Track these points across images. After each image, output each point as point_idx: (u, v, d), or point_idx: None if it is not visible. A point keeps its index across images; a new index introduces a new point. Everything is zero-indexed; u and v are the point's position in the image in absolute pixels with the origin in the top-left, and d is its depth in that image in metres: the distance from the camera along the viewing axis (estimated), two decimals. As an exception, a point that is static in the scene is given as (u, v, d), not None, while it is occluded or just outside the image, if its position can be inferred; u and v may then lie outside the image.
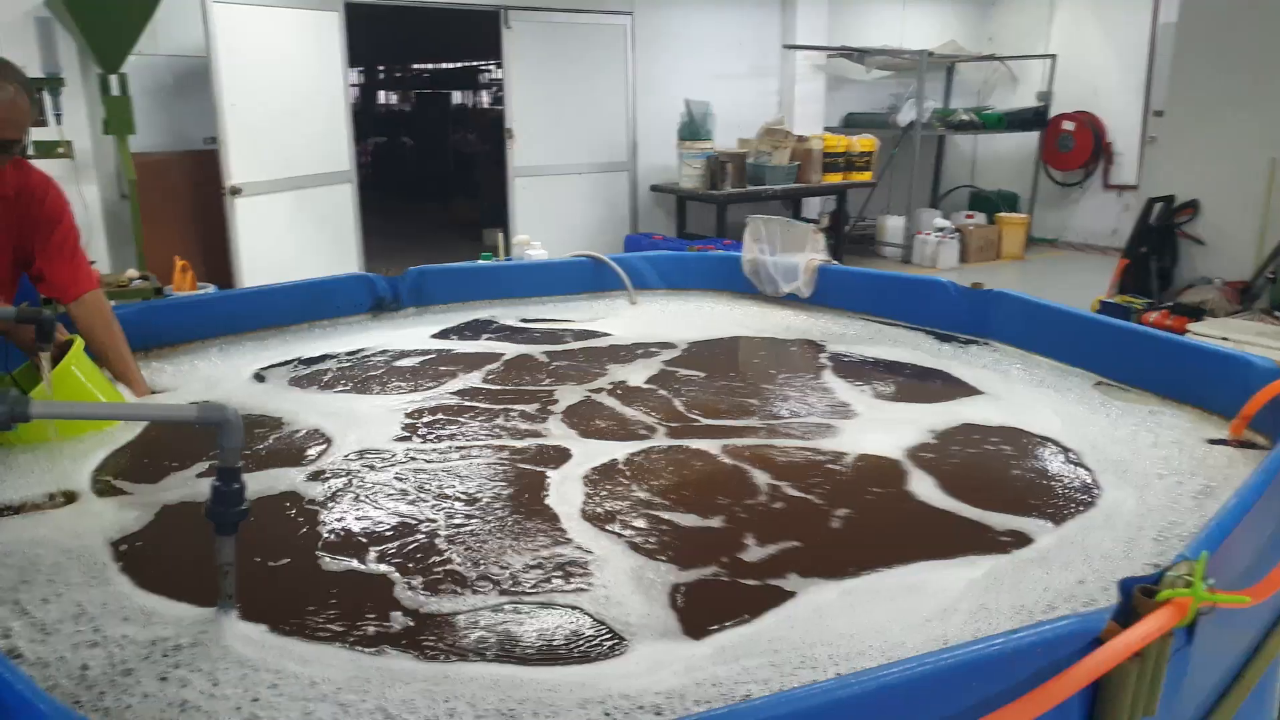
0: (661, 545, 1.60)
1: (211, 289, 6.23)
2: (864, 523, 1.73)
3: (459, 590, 1.44)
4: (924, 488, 1.86)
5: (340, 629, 1.33)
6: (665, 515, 1.70)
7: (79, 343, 2.11)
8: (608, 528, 1.65)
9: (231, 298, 3.25)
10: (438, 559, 1.54)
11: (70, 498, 1.74)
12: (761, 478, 1.88)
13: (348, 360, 2.69)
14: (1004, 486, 1.87)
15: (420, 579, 1.47)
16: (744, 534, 1.64)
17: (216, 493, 1.31)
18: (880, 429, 2.15)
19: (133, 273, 5.91)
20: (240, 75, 5.96)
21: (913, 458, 2.00)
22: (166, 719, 1.11)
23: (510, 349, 2.82)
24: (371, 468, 1.91)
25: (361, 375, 2.55)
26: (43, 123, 5.65)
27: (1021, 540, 1.63)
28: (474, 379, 2.52)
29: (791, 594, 1.44)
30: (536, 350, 2.80)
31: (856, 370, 2.63)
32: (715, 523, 1.69)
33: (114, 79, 5.76)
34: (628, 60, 7.98)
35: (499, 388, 2.45)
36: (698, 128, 7.71)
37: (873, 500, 1.82)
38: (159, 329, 2.69)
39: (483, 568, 1.51)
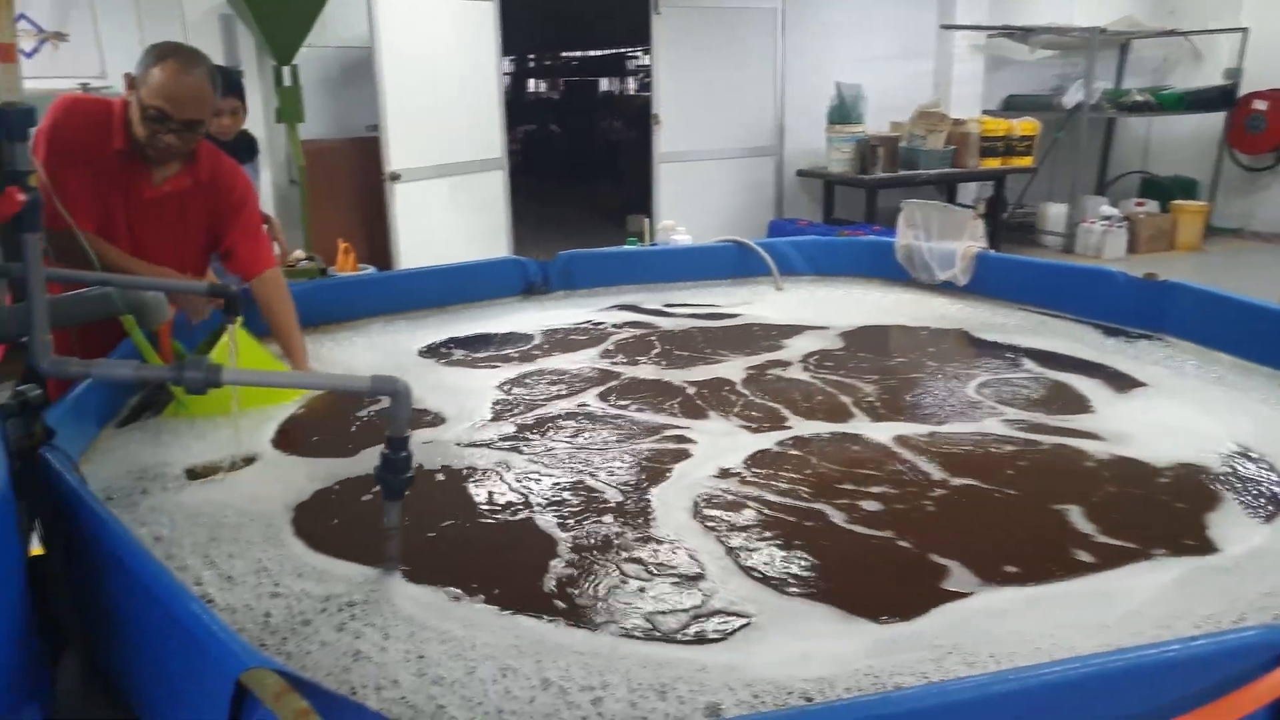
0: (811, 535, 1.58)
1: (371, 270, 6.55)
2: (1035, 521, 1.65)
3: (609, 568, 1.47)
4: (1098, 487, 1.76)
5: (497, 597, 1.38)
6: (815, 505, 1.68)
7: (239, 321, 2.25)
8: (758, 514, 1.65)
9: (393, 278, 3.42)
10: (586, 536, 1.57)
11: (249, 462, 1.87)
12: (918, 470, 1.83)
13: (501, 340, 2.78)
14: (1186, 490, 1.76)
15: (570, 554, 1.51)
16: (900, 528, 1.60)
17: (385, 460, 1.38)
18: (1044, 424, 2.06)
19: (300, 254, 6.27)
20: (401, 65, 6.23)
21: (1085, 454, 1.90)
22: (342, 666, 1.18)
23: (656, 333, 2.84)
24: (524, 444, 1.97)
25: (513, 354, 2.64)
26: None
27: (1208, 547, 1.52)
28: (620, 362, 2.56)
29: (956, 593, 1.40)
30: (682, 335, 2.82)
31: (1017, 363, 2.52)
32: (869, 515, 1.65)
33: (286, 70, 6.11)
34: (777, 43, 7.87)
35: (644, 371, 2.48)
36: (848, 111, 7.53)
37: (1043, 497, 1.73)
38: (327, 306, 2.85)
39: (632, 548, 1.54)
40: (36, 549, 1.42)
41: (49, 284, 1.57)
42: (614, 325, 2.94)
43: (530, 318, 3.01)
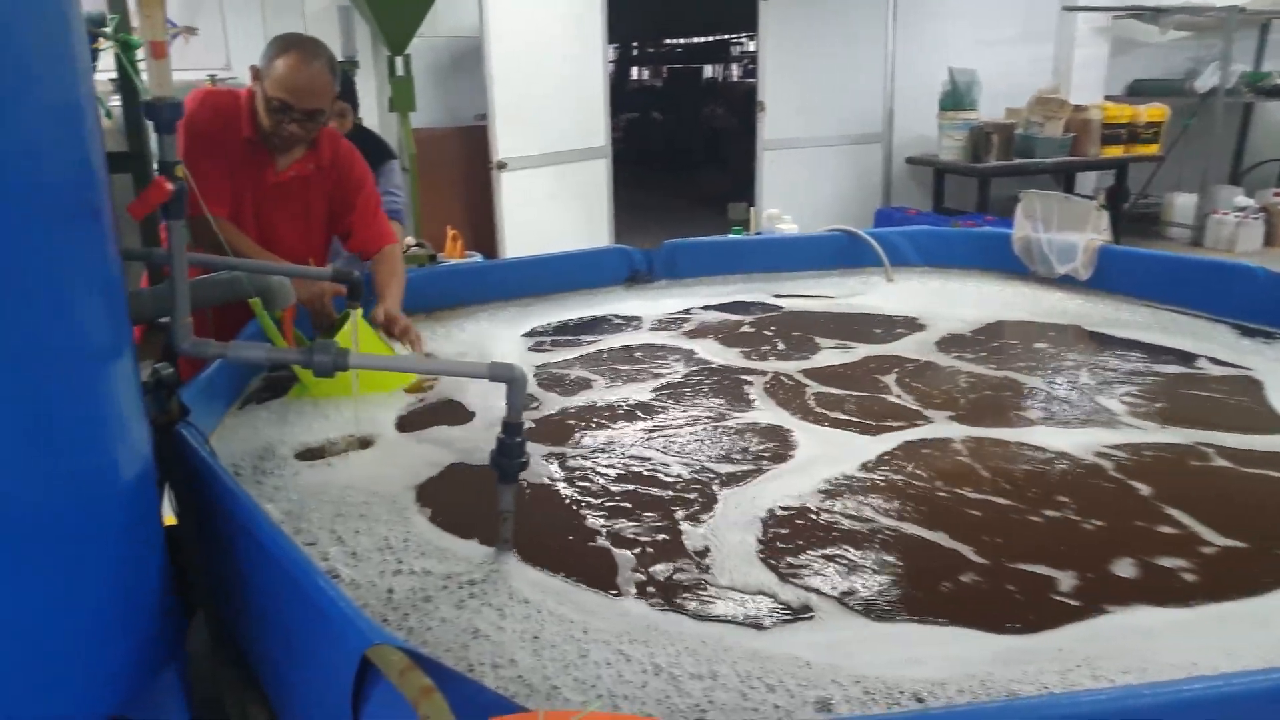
0: (926, 540, 1.53)
1: (477, 257, 6.70)
2: (1179, 536, 1.54)
3: (714, 560, 1.47)
4: (1244, 502, 1.66)
5: (607, 582, 1.39)
6: (930, 508, 1.63)
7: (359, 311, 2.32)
8: (869, 514, 1.61)
9: (501, 266, 3.48)
10: (691, 527, 1.57)
11: (367, 445, 1.93)
12: (1045, 476, 1.75)
13: (605, 327, 2.80)
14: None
15: (675, 544, 1.51)
16: (1025, 537, 1.54)
17: (500, 444, 1.41)
18: (1182, 431, 1.95)
19: (410, 240, 6.44)
20: (509, 54, 6.32)
21: (1231, 467, 1.78)
22: (461, 643, 1.21)
23: (762, 323, 2.82)
24: (630, 432, 1.98)
25: (616, 342, 2.65)
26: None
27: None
28: (724, 352, 2.54)
29: (1089, 609, 1.32)
30: (789, 326, 2.79)
31: (1145, 362, 2.41)
32: (989, 521, 1.59)
33: (399, 60, 6.28)
34: (887, 28, 7.69)
35: (750, 363, 2.46)
36: (961, 97, 7.31)
37: (1185, 510, 1.62)
38: (439, 293, 2.92)
39: (736, 542, 1.53)
40: (169, 518, 1.50)
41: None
42: (718, 315, 2.92)
43: (634, 306, 3.02)
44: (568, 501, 1.67)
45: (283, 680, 1.24)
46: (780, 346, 2.58)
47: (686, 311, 2.96)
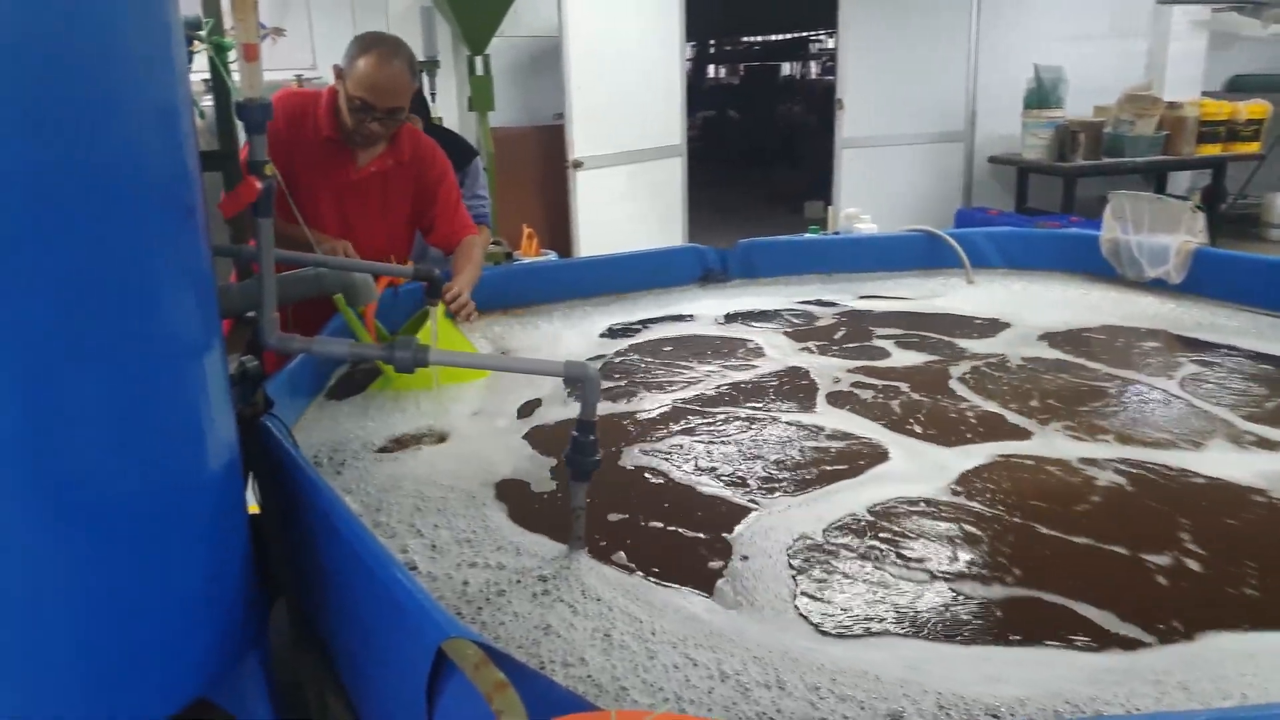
0: (1013, 555, 1.48)
1: (552, 255, 6.76)
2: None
3: (784, 567, 1.45)
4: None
5: (676, 584, 1.39)
6: (1018, 523, 1.57)
7: (441, 307, 2.36)
8: (951, 528, 1.57)
9: (577, 265, 3.50)
10: (763, 534, 1.56)
11: (443, 438, 1.96)
12: (1142, 495, 1.68)
13: (679, 326, 2.80)
14: None
15: (745, 550, 1.50)
16: (1118, 557, 1.47)
17: (574, 442, 1.41)
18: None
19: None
20: (587, 53, 6.35)
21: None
22: (533, 640, 1.22)
23: (840, 324, 2.78)
24: (705, 434, 1.97)
25: (691, 341, 2.64)
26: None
27: None
28: (799, 352, 2.51)
29: (1191, 632, 1.27)
30: (868, 327, 2.74)
31: (1244, 371, 2.31)
32: (1081, 541, 1.52)
33: (479, 60, 6.37)
34: (971, 25, 7.52)
35: (829, 364, 2.42)
36: (1047, 95, 7.10)
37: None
38: (517, 290, 2.95)
39: (809, 549, 1.51)
40: (252, 507, 1.54)
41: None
42: (795, 315, 2.89)
43: (708, 305, 3.01)
44: (639, 500, 1.67)
45: (360, 670, 1.27)
46: (857, 348, 2.54)
47: (761, 311, 2.94)
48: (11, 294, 0.93)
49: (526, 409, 2.14)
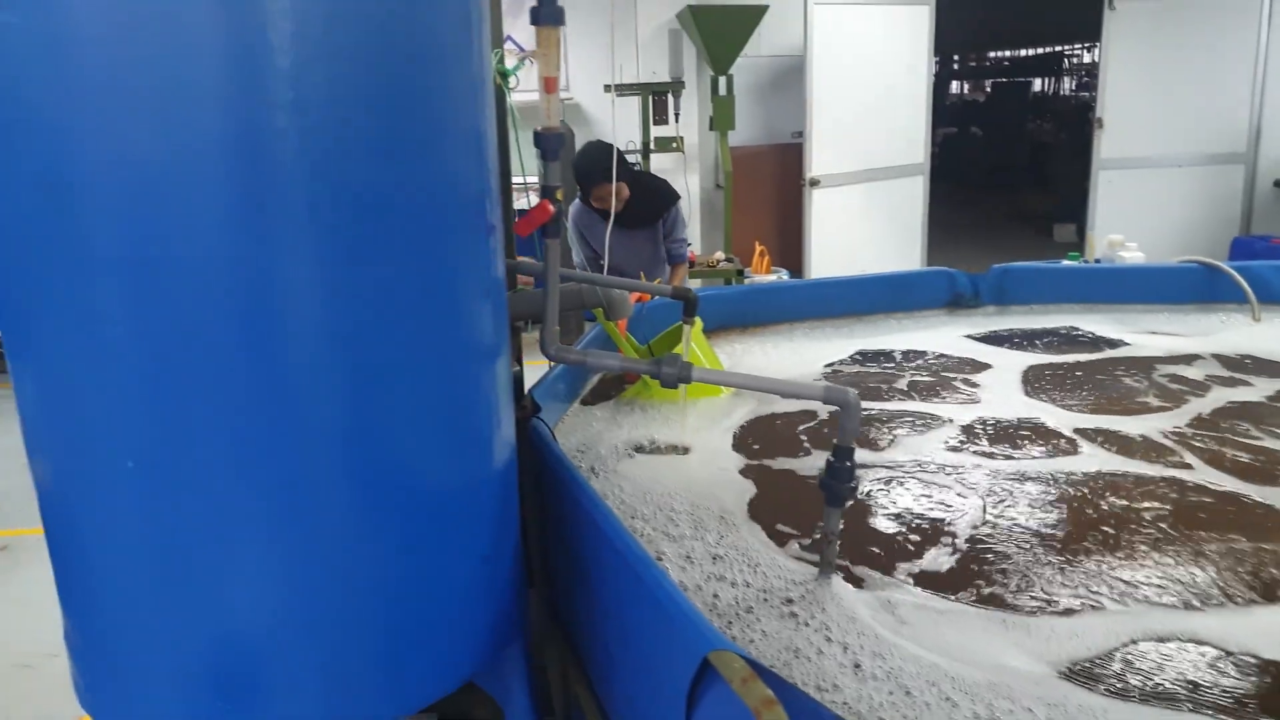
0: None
1: (784, 274, 6.75)
2: None
3: (1043, 606, 1.38)
4: None
5: (927, 618, 1.35)
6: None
7: (698, 324, 2.42)
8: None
9: (820, 285, 3.47)
10: (1022, 575, 1.48)
11: (686, 450, 2.01)
12: None
13: (931, 353, 2.70)
14: None
15: (1002, 586, 1.44)
16: None
17: (831, 467, 1.41)
18: None
19: (720, 255, 6.64)
20: (830, 72, 6.31)
21: None
22: (783, 661, 1.23)
23: (1107, 362, 2.59)
24: (962, 465, 1.89)
25: (940, 368, 2.55)
26: (664, 120, 6.58)
27: None
28: (1065, 390, 2.37)
29: None
30: (1134, 365, 2.54)
31: None
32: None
33: (722, 80, 6.48)
34: (1260, 34, 6.80)
35: (1088, 404, 2.27)
36: (1353, 111, 6.31)
37: None
38: (756, 309, 2.97)
39: (1065, 592, 1.42)
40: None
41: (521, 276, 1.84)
42: (1055, 349, 2.73)
43: (956, 332, 2.90)
44: (891, 529, 1.64)
45: (613, 668, 1.32)
46: (1125, 388, 2.36)
47: (1016, 341, 2.79)
48: (350, 300, 1.05)
49: (781, 428, 2.14)
